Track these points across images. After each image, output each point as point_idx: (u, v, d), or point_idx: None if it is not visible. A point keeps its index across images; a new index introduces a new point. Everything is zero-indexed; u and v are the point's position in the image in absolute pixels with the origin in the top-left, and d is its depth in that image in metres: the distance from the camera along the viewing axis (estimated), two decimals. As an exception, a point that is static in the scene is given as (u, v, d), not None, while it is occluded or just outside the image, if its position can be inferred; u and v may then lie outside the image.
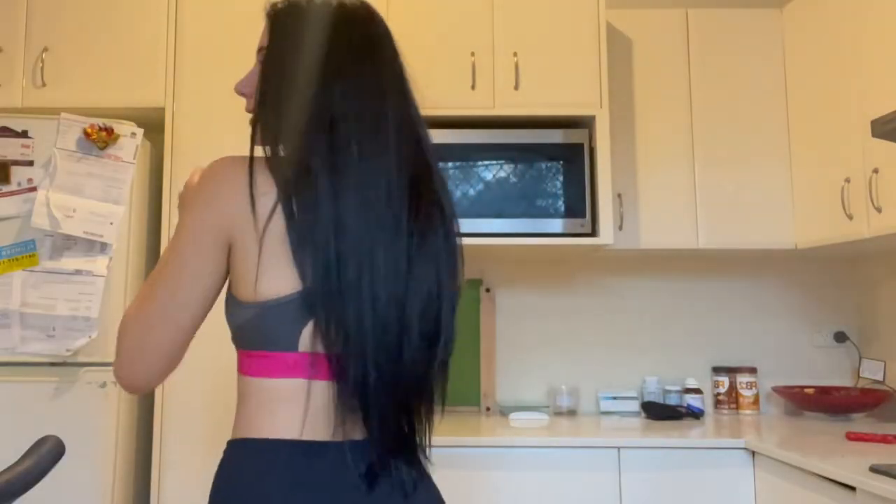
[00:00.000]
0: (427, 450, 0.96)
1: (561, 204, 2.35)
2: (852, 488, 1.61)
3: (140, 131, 2.19)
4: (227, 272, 0.90)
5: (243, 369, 0.90)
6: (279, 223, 0.85)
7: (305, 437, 0.86)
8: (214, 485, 0.87)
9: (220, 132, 2.32)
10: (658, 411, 2.46)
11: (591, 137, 2.41)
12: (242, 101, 2.33)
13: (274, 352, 0.87)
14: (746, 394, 2.61)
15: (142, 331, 0.86)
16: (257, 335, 0.87)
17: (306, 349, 0.86)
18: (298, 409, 0.86)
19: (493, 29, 2.43)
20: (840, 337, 2.73)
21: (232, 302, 0.90)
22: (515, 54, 2.42)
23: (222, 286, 0.92)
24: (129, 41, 2.38)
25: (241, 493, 0.84)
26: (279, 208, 0.85)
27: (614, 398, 2.61)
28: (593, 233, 2.36)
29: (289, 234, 0.85)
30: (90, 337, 2.05)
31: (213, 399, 2.21)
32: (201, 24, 2.38)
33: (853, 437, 2.02)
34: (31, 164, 2.12)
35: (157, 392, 2.21)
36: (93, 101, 2.36)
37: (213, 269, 0.88)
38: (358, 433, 0.88)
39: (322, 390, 0.87)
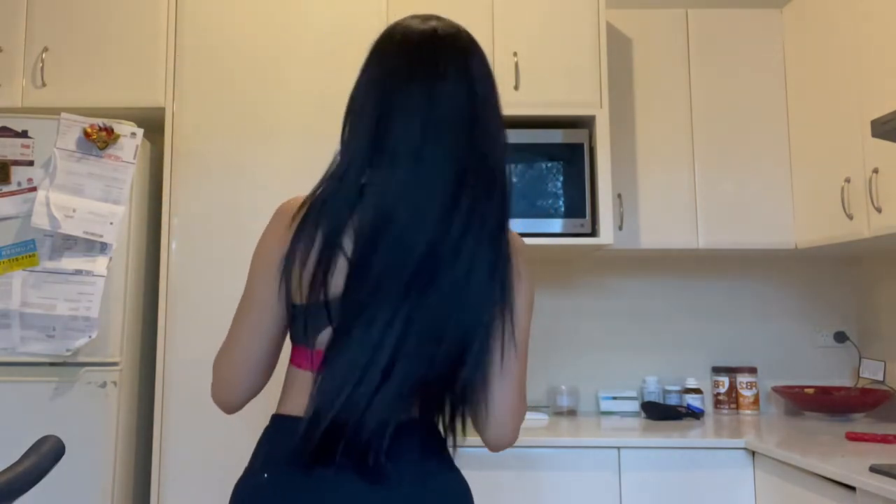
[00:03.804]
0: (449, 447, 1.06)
1: (561, 204, 2.35)
2: (852, 488, 1.61)
3: (140, 131, 2.19)
4: None
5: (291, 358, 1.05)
6: None
7: (302, 415, 0.98)
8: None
9: (220, 132, 2.32)
10: (658, 411, 2.46)
11: (591, 137, 2.41)
12: (242, 102, 2.33)
13: (298, 346, 1.02)
14: (746, 394, 2.61)
15: None
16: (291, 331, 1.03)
17: (321, 347, 0.97)
18: (305, 390, 1.00)
19: (493, 29, 2.43)
20: (840, 337, 2.73)
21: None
22: (515, 54, 2.42)
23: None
24: (129, 41, 2.38)
25: (255, 454, 1.04)
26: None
27: (614, 398, 2.60)
28: (593, 233, 2.36)
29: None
30: (90, 337, 2.05)
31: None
32: (201, 24, 2.38)
33: (853, 437, 2.02)
34: (31, 164, 2.12)
35: (158, 392, 2.21)
36: (93, 101, 2.36)
37: None
38: None
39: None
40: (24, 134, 2.13)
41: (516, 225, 2.33)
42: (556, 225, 2.35)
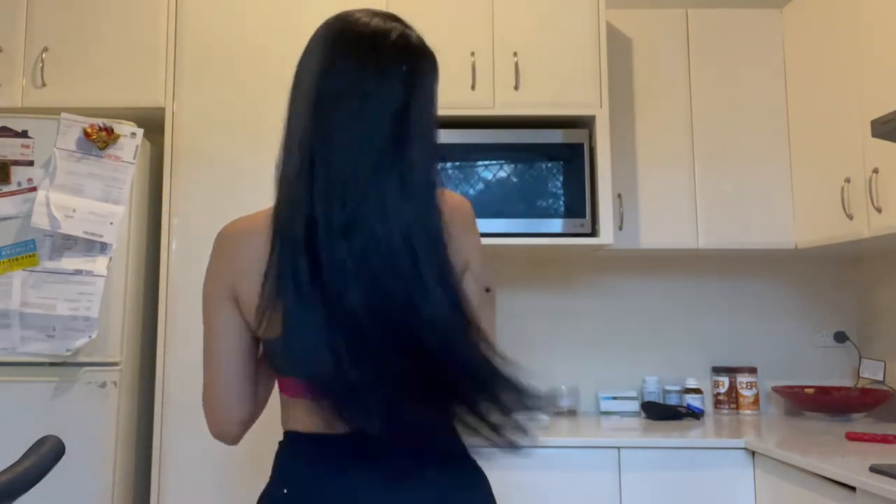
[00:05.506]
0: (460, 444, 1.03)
1: (561, 204, 2.35)
2: (852, 488, 1.61)
3: (140, 131, 2.19)
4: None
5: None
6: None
7: (310, 430, 1.00)
8: None
9: (220, 132, 2.32)
10: (658, 411, 2.46)
11: (591, 137, 2.41)
12: (242, 101, 2.33)
13: (282, 377, 1.03)
14: (746, 394, 2.61)
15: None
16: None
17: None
18: (304, 410, 1.01)
19: (493, 29, 2.43)
20: (840, 337, 2.73)
21: None
22: (515, 54, 2.42)
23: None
24: (129, 41, 2.38)
25: (275, 468, 1.04)
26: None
27: (614, 398, 2.60)
28: (593, 233, 2.36)
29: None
30: (90, 337, 2.05)
31: (213, 399, 2.21)
32: (201, 24, 2.38)
33: (853, 437, 2.02)
34: (31, 164, 2.12)
35: (158, 392, 2.21)
36: (93, 101, 2.36)
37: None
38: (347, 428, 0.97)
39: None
40: (24, 134, 2.13)
41: (517, 225, 2.33)
42: (556, 225, 2.35)
